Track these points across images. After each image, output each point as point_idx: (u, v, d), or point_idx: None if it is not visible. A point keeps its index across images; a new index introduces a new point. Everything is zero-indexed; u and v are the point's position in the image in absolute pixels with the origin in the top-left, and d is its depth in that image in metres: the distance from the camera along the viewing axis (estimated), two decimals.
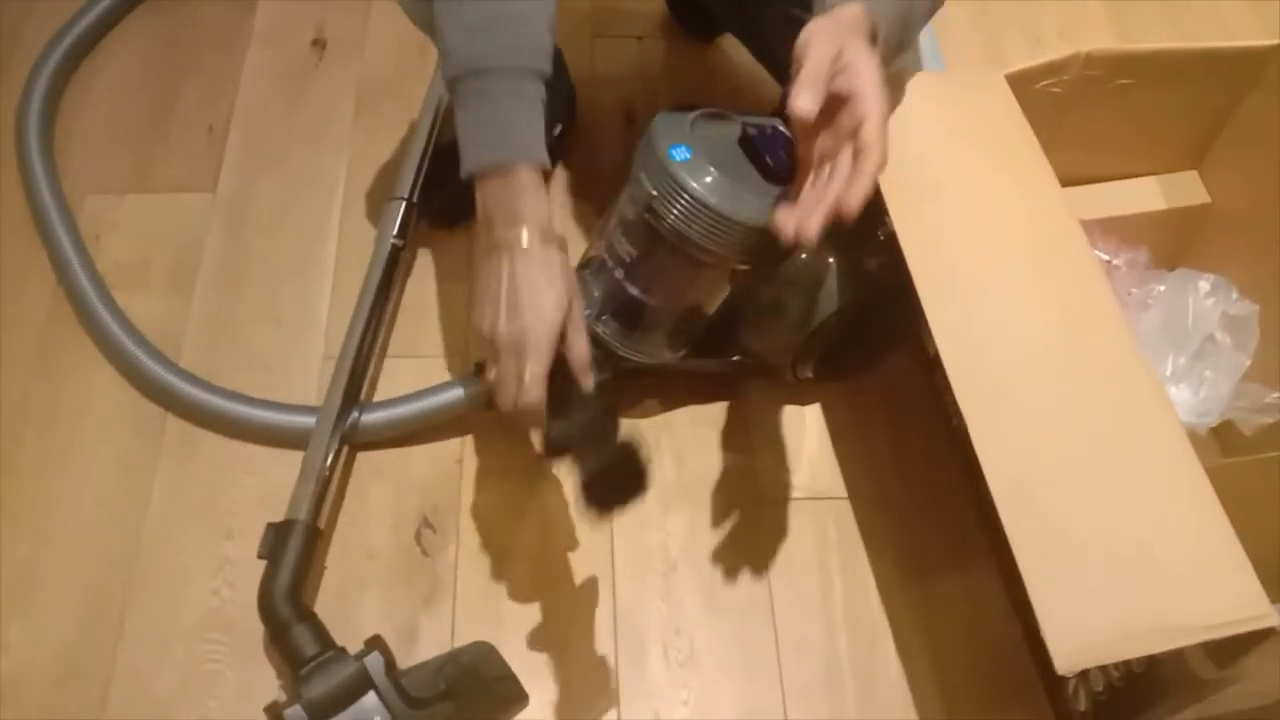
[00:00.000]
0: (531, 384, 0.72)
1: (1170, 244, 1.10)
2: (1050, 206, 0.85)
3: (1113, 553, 0.68)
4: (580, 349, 0.76)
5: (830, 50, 0.69)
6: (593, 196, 1.20)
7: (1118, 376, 0.76)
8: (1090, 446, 0.73)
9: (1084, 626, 0.65)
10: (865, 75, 0.69)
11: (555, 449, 0.82)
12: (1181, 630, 0.65)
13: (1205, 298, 1.03)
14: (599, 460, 0.76)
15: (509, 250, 0.75)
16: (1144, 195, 1.09)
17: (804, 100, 0.68)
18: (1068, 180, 0.88)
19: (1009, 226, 0.84)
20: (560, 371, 0.77)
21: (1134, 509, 0.71)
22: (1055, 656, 0.64)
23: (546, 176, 0.78)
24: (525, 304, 0.73)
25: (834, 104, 0.70)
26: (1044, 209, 0.85)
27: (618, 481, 0.76)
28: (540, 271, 0.74)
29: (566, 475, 1.00)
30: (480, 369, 1.02)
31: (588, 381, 0.77)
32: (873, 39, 0.74)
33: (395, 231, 1.09)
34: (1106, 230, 1.05)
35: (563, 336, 0.75)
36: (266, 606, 0.87)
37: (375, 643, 0.85)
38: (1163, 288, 1.05)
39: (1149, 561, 0.68)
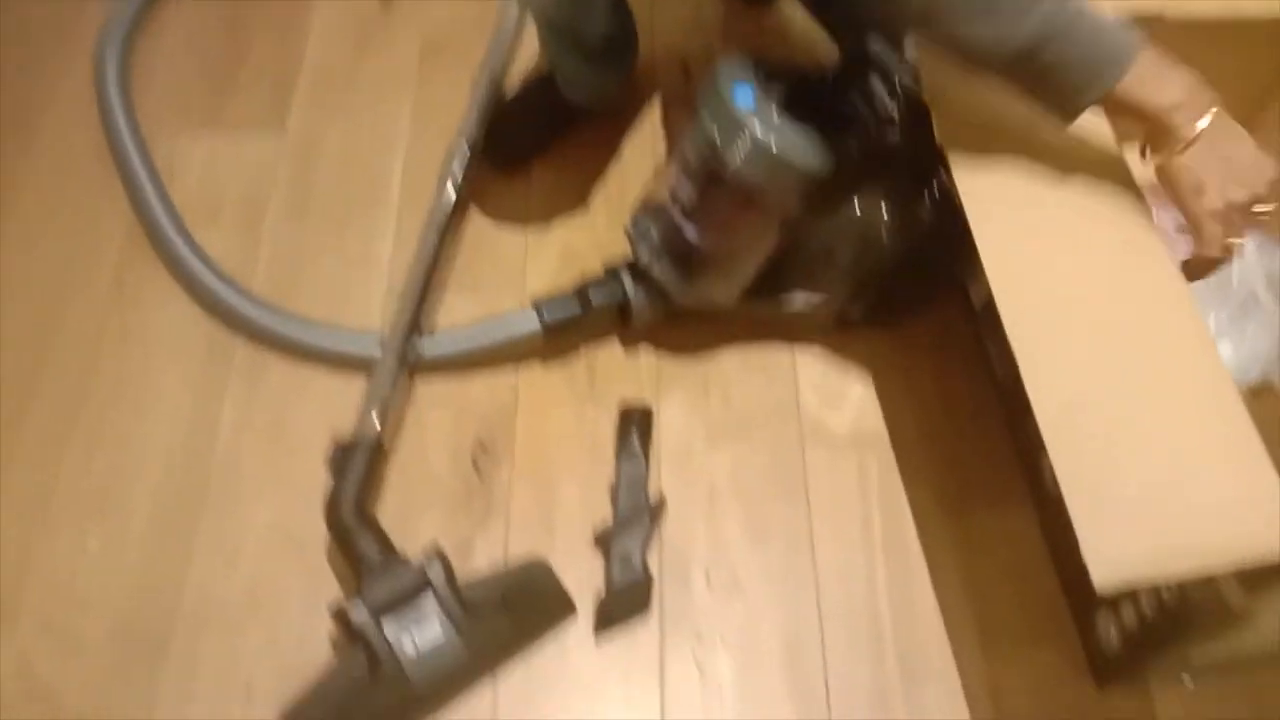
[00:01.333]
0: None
1: None
2: (1102, 154, 0.87)
3: (1153, 480, 0.70)
4: None
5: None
6: (648, 146, 1.23)
7: (1163, 312, 0.78)
8: (1134, 378, 0.75)
9: (1123, 549, 0.67)
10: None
11: (605, 621, 0.94)
12: (1218, 555, 0.67)
13: (1250, 256, 1.04)
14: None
15: (1211, 124, 0.75)
16: None
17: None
18: (1120, 136, 0.90)
19: (1061, 167, 0.86)
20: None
21: (1175, 439, 0.73)
22: (1094, 576, 0.65)
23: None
24: (1247, 156, 0.76)
25: None
26: (1096, 157, 0.87)
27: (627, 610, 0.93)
28: (1241, 135, 0.77)
29: (612, 410, 1.05)
30: (537, 303, 1.05)
31: None
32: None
33: (458, 171, 1.13)
34: (1154, 191, 1.06)
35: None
36: (333, 516, 0.92)
37: (435, 553, 0.89)
38: None
39: (1188, 489, 0.70)
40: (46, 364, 1.08)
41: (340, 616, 0.86)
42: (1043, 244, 0.83)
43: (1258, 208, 0.78)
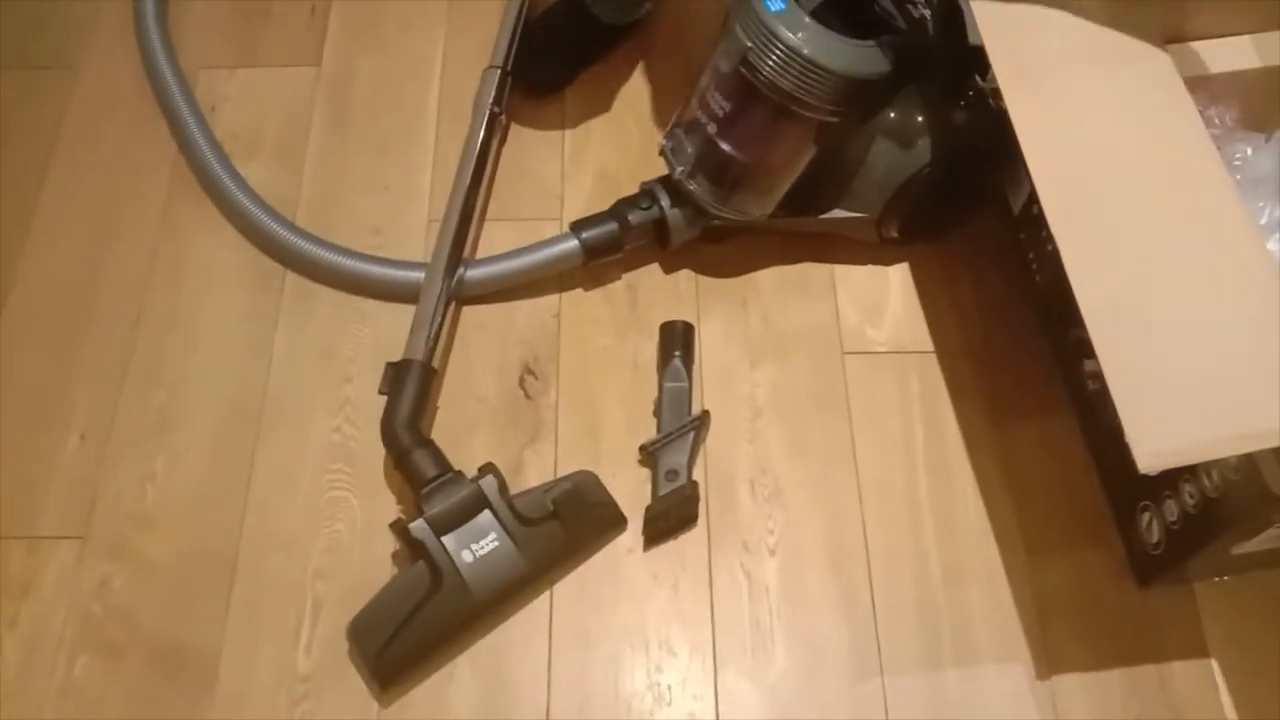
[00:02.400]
0: None
1: (1262, 104, 1.09)
2: (1148, 51, 0.86)
3: (1195, 363, 0.71)
4: None
5: None
6: (680, 67, 1.23)
7: (1208, 205, 0.78)
8: (1179, 267, 0.76)
9: (1165, 429, 0.68)
10: None
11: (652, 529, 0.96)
12: (1259, 436, 0.68)
13: None
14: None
15: None
16: (1236, 54, 1.08)
17: None
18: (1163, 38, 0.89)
19: (1107, 68, 0.85)
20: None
21: (1219, 328, 0.73)
22: (1137, 455, 0.67)
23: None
24: None
25: None
26: (1142, 54, 0.86)
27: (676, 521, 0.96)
28: None
29: (654, 330, 1.06)
30: (575, 226, 1.07)
31: None
32: None
33: (492, 99, 1.14)
34: (1196, 87, 1.04)
35: None
36: (389, 435, 0.95)
37: (489, 468, 0.92)
38: (1264, 142, 1.05)
39: (1230, 373, 0.71)
40: (100, 297, 1.11)
41: (401, 531, 0.89)
42: (1088, 141, 0.83)
43: None
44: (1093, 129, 0.83)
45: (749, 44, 0.90)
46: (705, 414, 1.00)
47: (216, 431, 1.03)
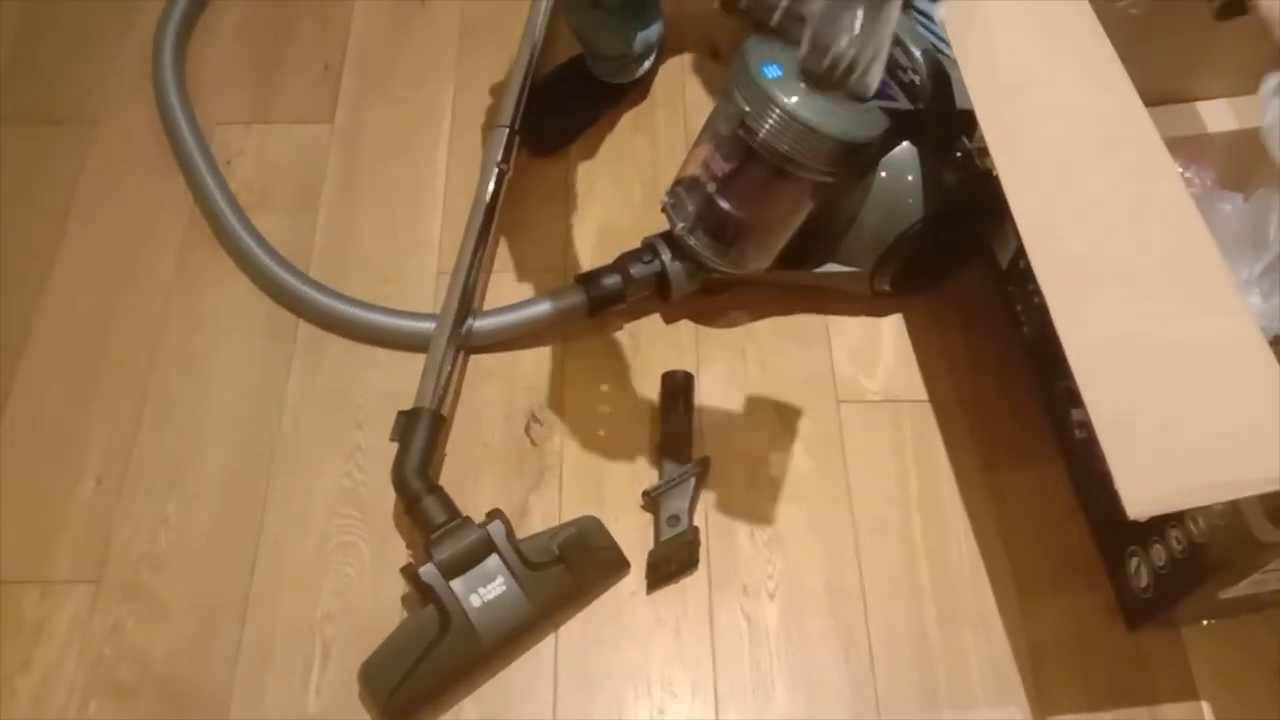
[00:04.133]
0: None
1: (1238, 165, 1.14)
2: (1130, 114, 0.90)
3: (1180, 412, 0.74)
4: None
5: None
6: (681, 127, 1.27)
7: (1188, 260, 0.81)
8: (1160, 319, 0.79)
9: (1153, 477, 0.71)
10: None
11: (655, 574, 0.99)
12: (1243, 483, 0.71)
13: None
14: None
15: None
16: (1213, 116, 1.13)
17: None
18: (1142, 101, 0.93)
19: (1090, 130, 0.89)
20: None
21: (1201, 375, 0.76)
22: (1126, 502, 0.69)
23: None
24: None
25: None
26: (1124, 116, 0.90)
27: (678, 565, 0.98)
28: None
29: (656, 379, 1.09)
30: (580, 280, 1.10)
31: None
32: None
33: (500, 156, 1.18)
34: (1176, 149, 1.08)
35: None
36: (399, 481, 0.97)
37: (496, 513, 0.94)
38: (1242, 202, 1.09)
39: (1214, 422, 0.73)
40: (116, 343, 1.14)
41: (411, 576, 0.91)
42: (1074, 199, 0.86)
43: None
44: (1077, 187, 0.87)
45: (747, 108, 0.94)
46: (706, 460, 1.03)
47: (229, 475, 1.06)
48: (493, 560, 0.91)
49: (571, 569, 0.94)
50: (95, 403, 1.11)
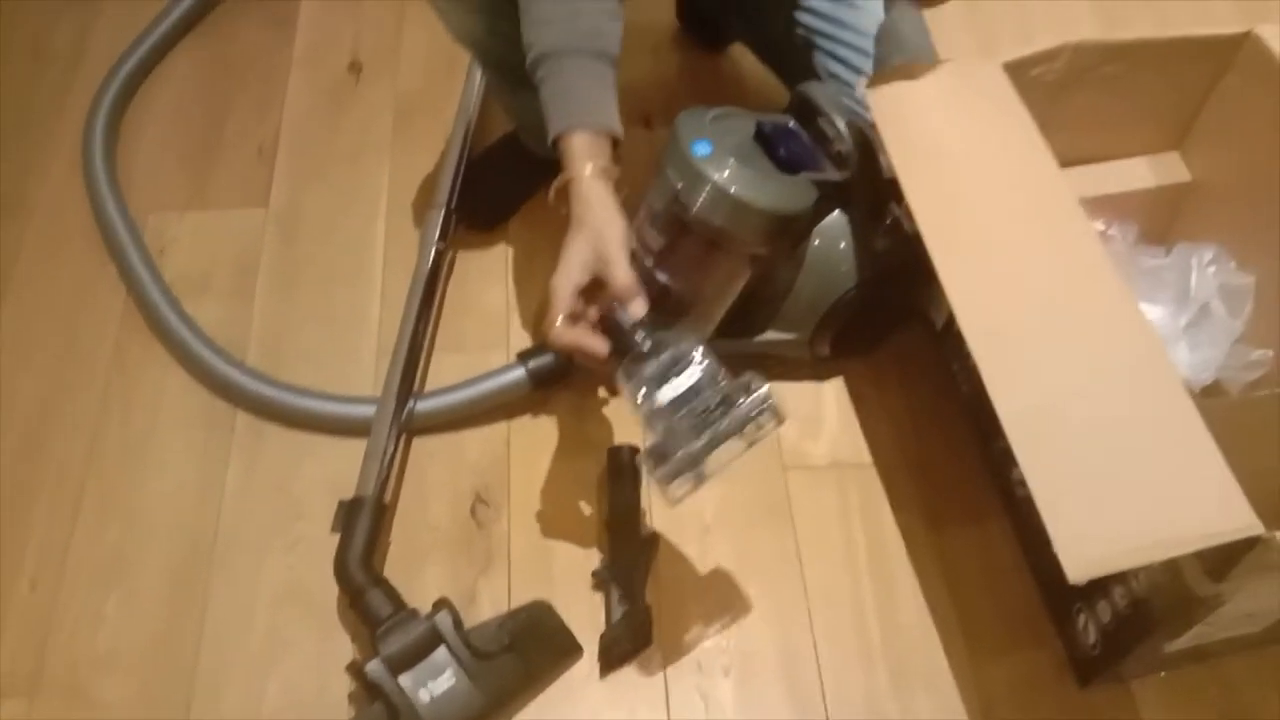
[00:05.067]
0: (546, 323, 0.84)
1: (1158, 220, 1.18)
2: (1048, 179, 0.92)
3: (1114, 474, 0.75)
4: (617, 280, 0.86)
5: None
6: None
7: (1113, 322, 0.83)
8: (1090, 381, 0.80)
9: (1091, 539, 0.72)
10: None
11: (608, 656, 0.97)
12: (1178, 541, 0.72)
13: (1206, 266, 1.10)
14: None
15: (574, 181, 0.87)
16: (1133, 174, 1.17)
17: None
18: (1061, 162, 0.95)
19: (1011, 196, 0.92)
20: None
21: (1133, 435, 0.77)
22: (1066, 567, 0.70)
23: (617, 144, 0.89)
24: (587, 217, 0.86)
25: None
26: (1043, 182, 0.92)
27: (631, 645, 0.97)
28: (595, 193, 0.86)
29: (602, 453, 1.08)
30: (521, 356, 1.10)
31: (637, 307, 0.87)
32: None
33: (437, 236, 1.18)
34: (1099, 207, 1.12)
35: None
36: (343, 574, 0.96)
37: (443, 603, 0.93)
38: (1166, 257, 1.12)
39: (1148, 482, 0.75)
40: (52, 437, 1.12)
41: (357, 673, 0.89)
42: (998, 264, 0.88)
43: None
44: (1001, 253, 0.89)
45: (679, 184, 0.96)
46: (655, 535, 1.03)
47: (169, 570, 1.04)
48: (441, 652, 0.90)
49: (522, 657, 0.92)
50: (33, 495, 1.08)
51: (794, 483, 1.09)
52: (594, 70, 0.89)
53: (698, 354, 0.87)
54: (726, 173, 0.95)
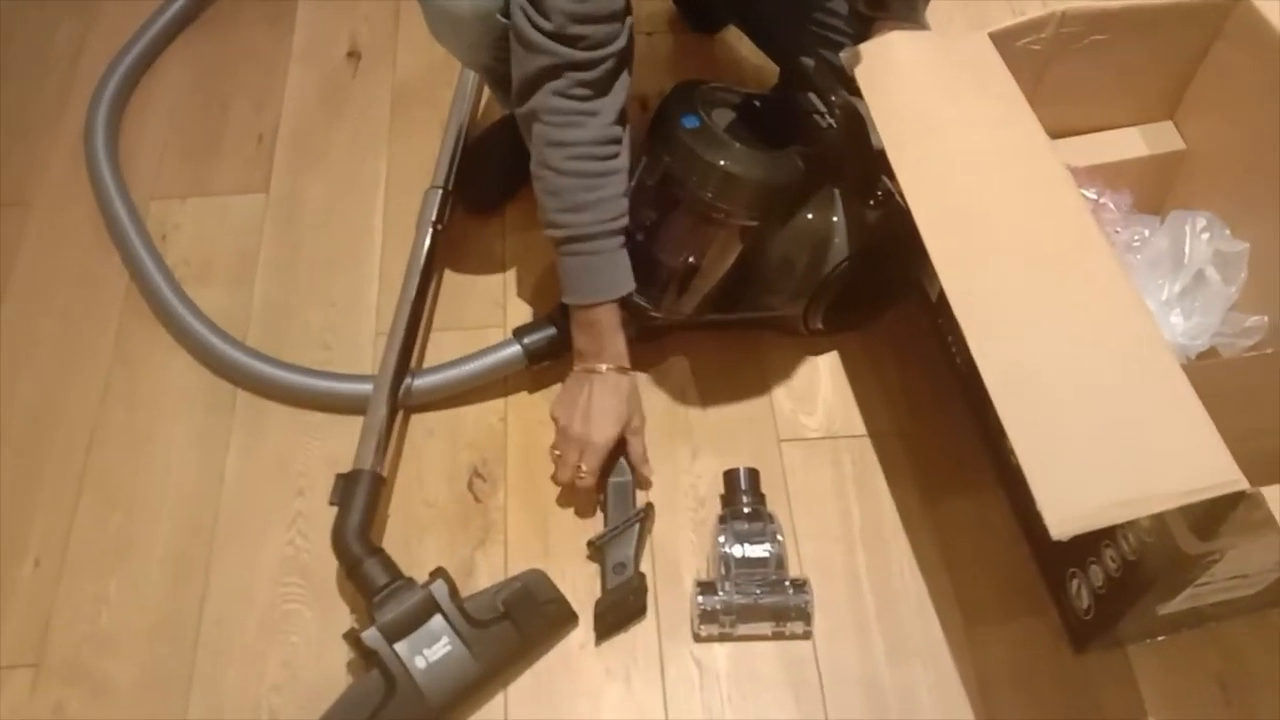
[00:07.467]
0: (588, 474, 1.00)
1: (1153, 189, 1.18)
2: (1037, 149, 0.92)
3: (1098, 433, 0.76)
4: (636, 449, 1.05)
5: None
6: None
7: (1098, 286, 0.84)
8: (1076, 344, 0.81)
9: (1074, 496, 0.72)
10: None
11: (603, 623, 0.99)
12: (1162, 497, 0.72)
13: (1200, 233, 1.10)
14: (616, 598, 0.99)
15: (590, 376, 1.01)
16: (1126, 144, 1.17)
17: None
18: (1052, 133, 0.95)
19: (997, 164, 0.92)
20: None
21: (1117, 396, 0.78)
22: (1049, 522, 0.70)
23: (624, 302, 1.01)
24: (594, 417, 0.99)
25: None
26: (1032, 151, 0.92)
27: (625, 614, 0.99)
28: (610, 394, 1.00)
29: None
30: (517, 332, 1.11)
31: (647, 470, 1.06)
32: None
33: (434, 216, 1.19)
34: (1092, 176, 1.13)
35: (624, 441, 1.03)
36: (340, 545, 0.97)
37: (439, 573, 0.94)
38: (1159, 224, 1.12)
39: (1131, 440, 0.75)
40: (57, 423, 1.14)
41: (354, 641, 0.90)
42: (985, 232, 0.88)
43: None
44: (988, 222, 0.89)
45: (668, 158, 0.97)
46: (650, 507, 1.04)
47: (171, 551, 1.05)
48: (437, 620, 0.91)
49: (518, 624, 0.93)
50: (37, 480, 1.10)
51: (789, 454, 1.09)
52: (614, 244, 0.98)
53: (780, 535, 1.00)
54: (714, 146, 0.96)
